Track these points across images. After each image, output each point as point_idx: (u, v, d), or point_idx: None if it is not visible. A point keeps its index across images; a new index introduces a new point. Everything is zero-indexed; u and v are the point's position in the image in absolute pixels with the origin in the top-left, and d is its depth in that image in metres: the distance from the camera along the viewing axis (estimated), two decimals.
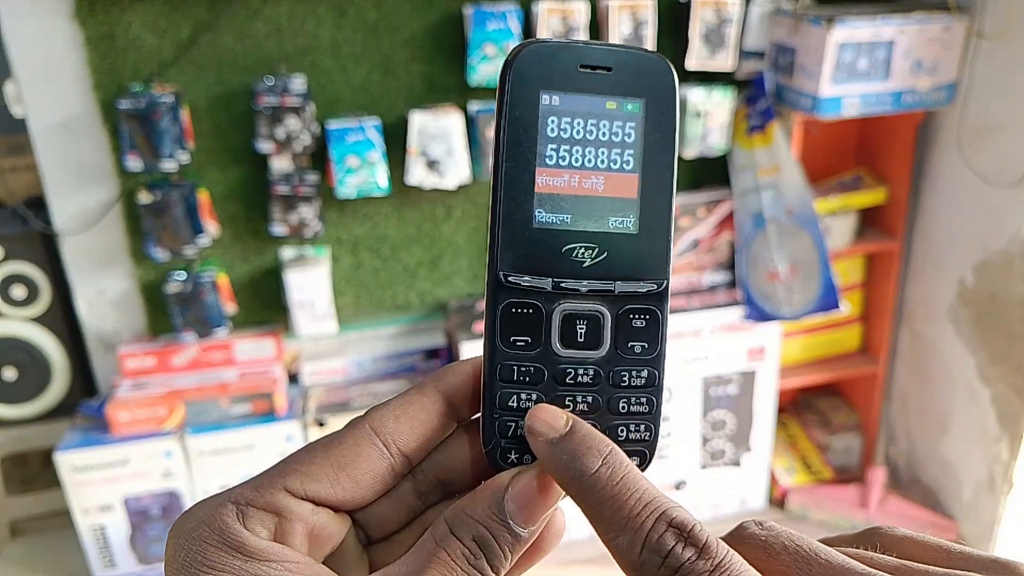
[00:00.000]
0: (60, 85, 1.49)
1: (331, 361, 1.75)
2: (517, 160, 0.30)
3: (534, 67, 0.29)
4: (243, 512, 0.27)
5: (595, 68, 0.30)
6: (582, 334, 0.30)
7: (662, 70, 0.30)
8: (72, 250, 1.61)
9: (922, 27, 1.59)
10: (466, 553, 0.27)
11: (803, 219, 1.70)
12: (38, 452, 1.87)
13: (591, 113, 0.30)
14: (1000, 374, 1.70)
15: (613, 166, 0.30)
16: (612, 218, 0.30)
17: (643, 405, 0.31)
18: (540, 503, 0.28)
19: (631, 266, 0.30)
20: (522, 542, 0.28)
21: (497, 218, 0.30)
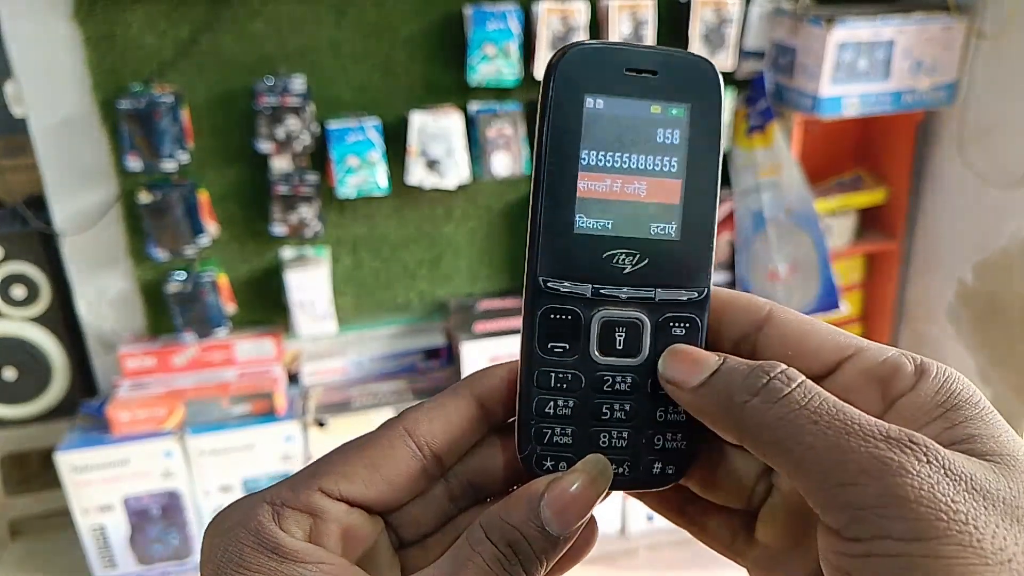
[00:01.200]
0: (60, 85, 1.49)
1: (331, 361, 1.75)
2: (559, 163, 0.29)
3: (579, 69, 0.29)
4: (279, 512, 0.27)
5: (640, 71, 0.29)
6: (621, 341, 0.30)
7: (708, 74, 0.30)
8: (72, 250, 1.61)
9: (922, 27, 1.59)
10: (500, 558, 0.27)
11: (803, 219, 1.70)
12: (38, 452, 1.87)
13: (635, 117, 0.29)
14: (1000, 374, 1.70)
15: (656, 171, 0.30)
16: (654, 224, 0.30)
17: (681, 415, 0.30)
18: (577, 508, 0.28)
19: (672, 273, 0.30)
20: (558, 548, 0.28)
21: (538, 222, 0.29)
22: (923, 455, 0.23)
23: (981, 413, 0.26)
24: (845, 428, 0.24)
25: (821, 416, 0.25)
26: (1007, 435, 0.25)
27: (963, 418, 0.25)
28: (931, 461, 0.23)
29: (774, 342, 0.29)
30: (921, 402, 0.26)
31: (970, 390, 0.26)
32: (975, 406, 0.26)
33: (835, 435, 0.24)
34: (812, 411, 0.25)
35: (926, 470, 0.23)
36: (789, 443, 0.25)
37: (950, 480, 0.23)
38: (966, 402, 0.26)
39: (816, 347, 0.29)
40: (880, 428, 0.24)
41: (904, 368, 0.27)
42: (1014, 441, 0.25)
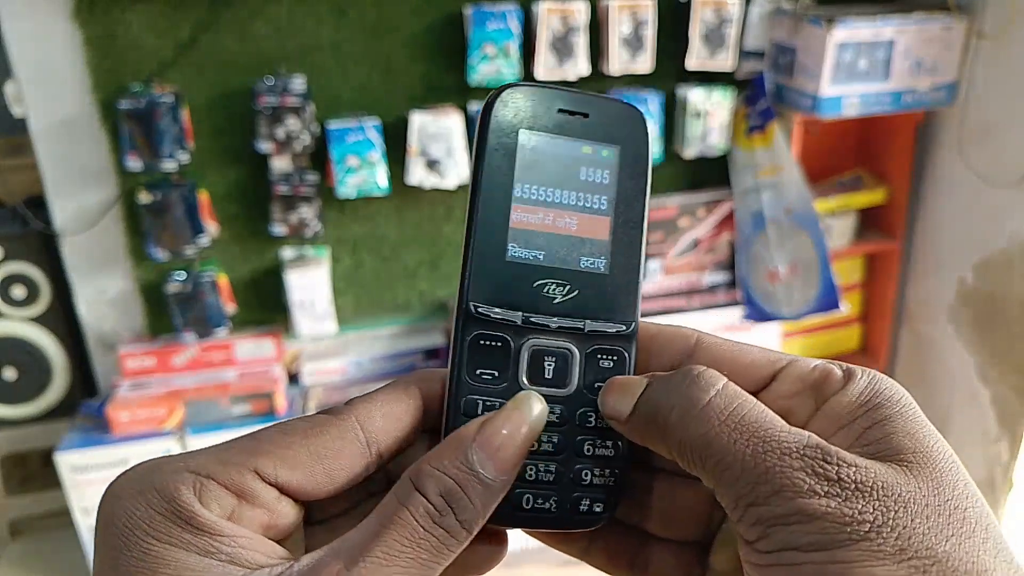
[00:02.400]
0: (60, 85, 1.49)
1: (331, 361, 1.75)
2: (494, 193, 0.30)
3: (515, 107, 0.30)
4: (201, 484, 0.25)
5: (573, 113, 0.31)
6: (550, 371, 0.30)
7: (636, 120, 0.31)
8: (72, 250, 1.61)
9: (922, 27, 1.59)
10: (431, 510, 0.25)
11: (803, 219, 1.70)
12: (38, 452, 1.87)
13: (567, 155, 0.30)
14: (1000, 374, 1.70)
15: (586, 207, 0.31)
16: (584, 258, 0.31)
17: (609, 449, 0.30)
18: (511, 448, 0.27)
19: (601, 306, 0.31)
20: (493, 493, 0.26)
21: (470, 249, 0.30)
22: (834, 472, 0.24)
23: (901, 411, 0.26)
24: (763, 445, 0.25)
25: (741, 432, 0.25)
26: (923, 431, 0.26)
27: (883, 416, 0.26)
28: (841, 479, 0.24)
29: (709, 361, 0.29)
30: (846, 402, 0.27)
31: (892, 389, 0.27)
32: (896, 404, 0.26)
33: (752, 454, 0.25)
34: (732, 427, 0.26)
35: (835, 488, 0.24)
36: (710, 462, 0.26)
37: (858, 493, 0.24)
38: (887, 400, 0.27)
39: (749, 364, 0.29)
40: (797, 443, 0.25)
41: (833, 373, 0.28)
42: (928, 437, 0.26)
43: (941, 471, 0.25)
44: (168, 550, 0.24)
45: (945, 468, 0.25)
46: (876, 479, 0.24)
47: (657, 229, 1.78)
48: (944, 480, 0.25)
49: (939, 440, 0.26)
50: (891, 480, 0.24)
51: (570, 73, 1.59)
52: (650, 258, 1.80)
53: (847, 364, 0.29)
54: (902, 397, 0.27)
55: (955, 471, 0.25)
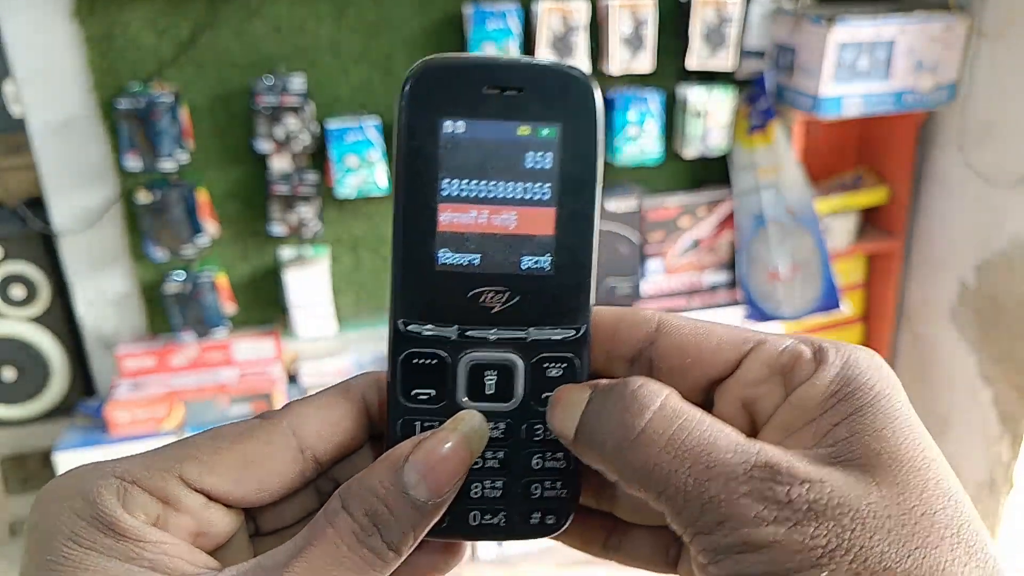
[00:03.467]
0: (59, 84, 1.49)
1: (331, 361, 1.74)
2: (417, 194, 0.27)
3: (433, 90, 0.26)
4: (126, 490, 0.24)
5: (504, 89, 0.26)
6: (491, 385, 0.28)
7: (581, 88, 0.27)
8: (71, 250, 1.61)
9: (923, 27, 1.59)
10: (356, 529, 0.24)
11: (804, 219, 1.70)
12: (37, 452, 1.86)
13: (501, 140, 0.26)
14: (1001, 374, 1.70)
15: (527, 199, 0.27)
16: (526, 257, 0.27)
17: (560, 461, 0.28)
18: (447, 470, 0.25)
19: (546, 311, 0.28)
20: (426, 516, 0.25)
21: (397, 260, 0.27)
22: (784, 494, 0.23)
23: (872, 401, 0.24)
24: (706, 472, 0.23)
25: (682, 458, 0.24)
26: (893, 426, 0.24)
27: (853, 409, 0.24)
28: (792, 499, 0.23)
29: (670, 352, 0.28)
30: (815, 393, 0.25)
31: (867, 374, 0.25)
32: (868, 392, 0.25)
33: (696, 482, 0.23)
34: (672, 453, 0.24)
35: (786, 513, 0.23)
36: (652, 492, 0.24)
37: (811, 514, 0.22)
38: (859, 389, 0.25)
39: (715, 348, 0.27)
40: (744, 464, 0.23)
41: (803, 356, 0.26)
42: (898, 433, 0.24)
43: (908, 474, 0.23)
44: (89, 555, 0.23)
45: (913, 470, 0.23)
46: (832, 495, 0.23)
47: (657, 229, 1.77)
48: (911, 484, 0.23)
49: (912, 435, 0.24)
50: (849, 494, 0.23)
51: None
52: (651, 258, 1.79)
53: (821, 342, 0.26)
54: (876, 383, 0.25)
55: (925, 471, 0.24)
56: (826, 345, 0.26)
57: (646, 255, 1.79)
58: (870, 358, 0.26)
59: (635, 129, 1.64)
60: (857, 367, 0.25)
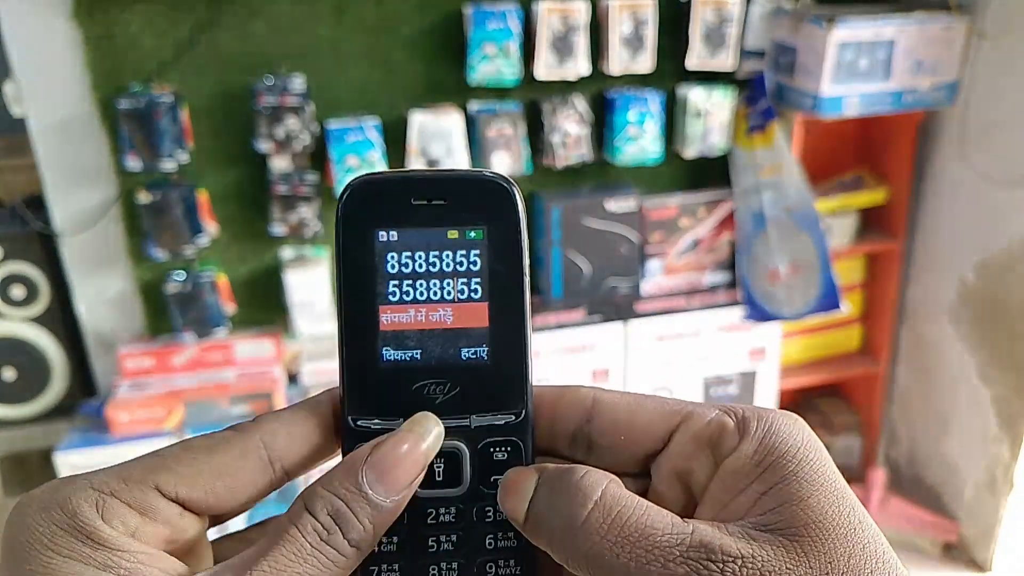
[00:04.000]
0: (59, 85, 1.49)
1: (331, 361, 1.74)
2: (358, 300, 0.29)
3: (366, 205, 0.29)
4: (104, 501, 0.26)
5: (431, 200, 0.29)
6: (440, 472, 0.29)
7: (502, 194, 0.29)
8: (71, 250, 1.61)
9: (923, 27, 1.59)
10: (318, 528, 0.26)
11: (804, 219, 1.70)
12: (37, 452, 1.86)
13: (432, 245, 0.29)
14: (1001, 374, 1.70)
15: (461, 296, 0.29)
16: (464, 350, 0.29)
17: (512, 540, 0.30)
18: (403, 471, 0.27)
19: (486, 398, 0.29)
20: (384, 513, 0.27)
21: (343, 360, 0.29)
22: (718, 571, 0.24)
23: (796, 469, 0.26)
24: (645, 555, 0.25)
25: (623, 544, 0.25)
26: (816, 493, 0.25)
27: (779, 478, 0.26)
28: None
29: (606, 429, 0.29)
30: (741, 464, 0.26)
31: (788, 442, 0.26)
32: (791, 460, 0.26)
33: (636, 566, 0.25)
34: (612, 542, 0.25)
35: None
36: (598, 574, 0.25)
37: None
38: (783, 457, 0.26)
39: (645, 424, 0.29)
40: (681, 546, 0.25)
41: (727, 427, 0.27)
42: (823, 500, 0.25)
43: (835, 541, 0.24)
44: (67, 563, 0.24)
45: (840, 536, 0.24)
46: (763, 569, 0.24)
47: (657, 229, 1.78)
48: (838, 552, 0.24)
49: (837, 500, 0.25)
50: (780, 568, 0.24)
51: (570, 73, 1.59)
52: (651, 258, 1.80)
53: (744, 411, 0.28)
54: (799, 450, 0.26)
55: (851, 537, 0.25)
56: (748, 414, 0.28)
57: (646, 255, 1.79)
58: (792, 423, 0.27)
59: (635, 129, 1.64)
60: (779, 435, 0.27)
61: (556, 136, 1.63)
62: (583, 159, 1.66)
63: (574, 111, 1.63)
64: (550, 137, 1.63)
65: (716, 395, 1.86)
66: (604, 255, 1.73)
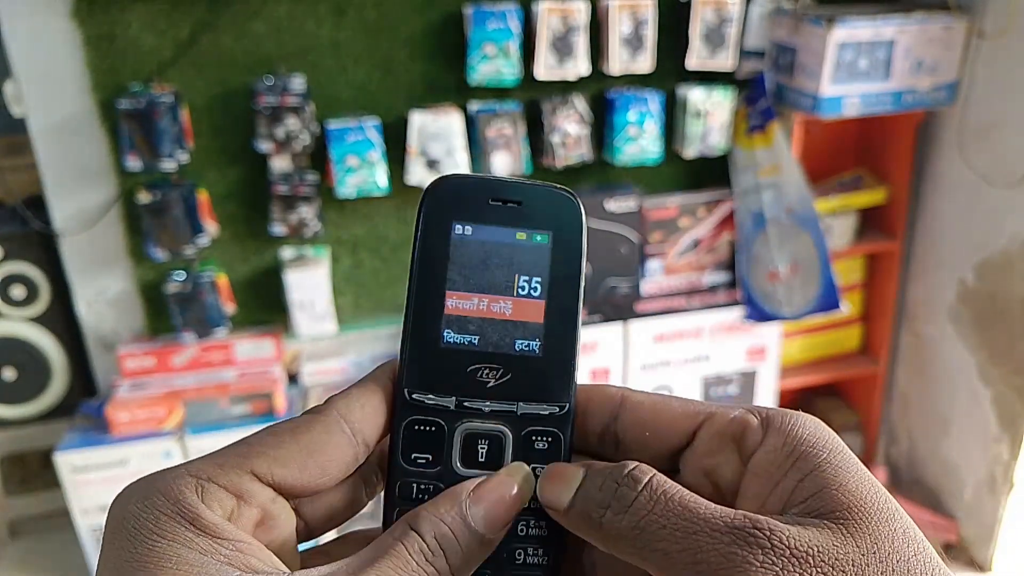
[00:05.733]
0: (59, 85, 1.49)
1: (331, 361, 1.74)
2: (429, 282, 0.31)
3: (448, 199, 0.32)
4: (203, 487, 0.26)
5: (506, 202, 0.31)
6: (483, 454, 0.31)
7: (570, 206, 0.32)
8: (71, 250, 1.61)
9: (922, 27, 1.59)
10: (424, 550, 0.26)
11: (803, 219, 1.70)
12: (38, 452, 1.87)
13: (501, 242, 0.31)
14: (1001, 374, 1.70)
15: (521, 292, 0.31)
16: (519, 341, 0.31)
17: (542, 529, 0.31)
18: (503, 509, 0.28)
19: (534, 388, 0.31)
20: (483, 547, 0.28)
21: (407, 336, 0.31)
22: (767, 542, 0.24)
23: (829, 457, 0.26)
24: (692, 527, 0.25)
25: (669, 519, 0.26)
26: (854, 480, 0.26)
27: (813, 466, 0.26)
28: (774, 547, 0.24)
29: (632, 426, 0.30)
30: (772, 457, 0.27)
31: (816, 433, 0.27)
32: (823, 449, 0.26)
33: (683, 537, 0.25)
34: (660, 515, 0.26)
35: (770, 558, 0.24)
36: (646, 552, 0.26)
37: (794, 563, 0.24)
38: (812, 448, 0.26)
39: (669, 422, 0.30)
40: (725, 520, 0.25)
41: (751, 423, 0.28)
42: (860, 486, 0.25)
43: (878, 524, 0.25)
44: (172, 547, 0.25)
45: (882, 520, 0.25)
46: (811, 544, 0.24)
47: (657, 229, 1.78)
48: (881, 534, 0.24)
49: (872, 486, 0.26)
50: (826, 544, 0.24)
51: (570, 73, 1.59)
52: (651, 258, 1.80)
53: (767, 409, 0.29)
54: (827, 441, 0.27)
55: (892, 521, 0.25)
56: (771, 412, 0.28)
57: (646, 255, 1.79)
58: (812, 420, 0.28)
59: (635, 129, 1.64)
60: (804, 428, 0.27)
61: (556, 136, 1.63)
62: (583, 159, 1.66)
63: (574, 111, 1.63)
64: (550, 137, 1.63)
65: (716, 395, 1.86)
66: (604, 255, 1.73)
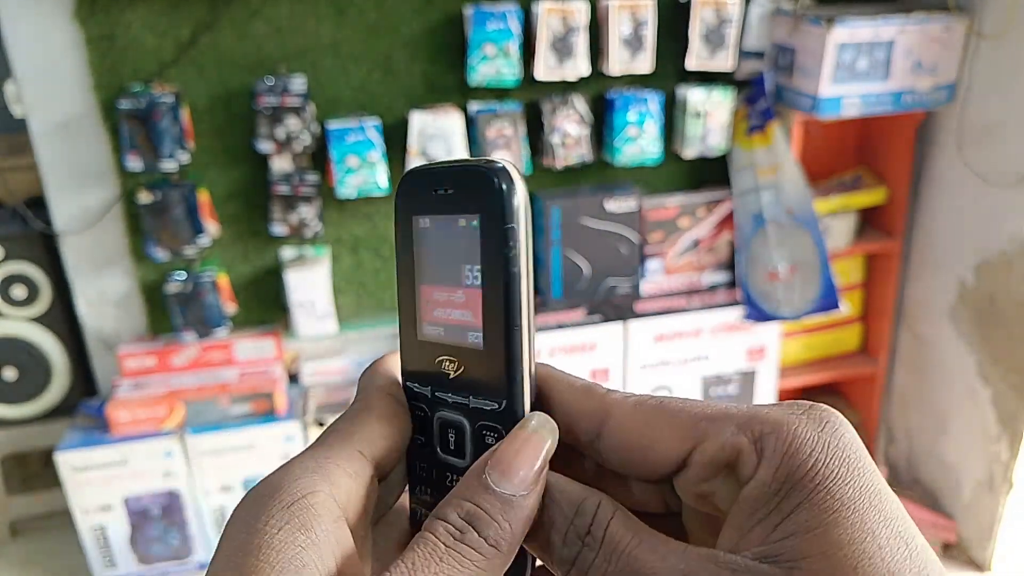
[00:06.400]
0: (60, 85, 1.50)
1: (331, 361, 1.75)
2: (406, 276, 0.32)
3: (408, 193, 0.32)
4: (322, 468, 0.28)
5: (444, 190, 0.30)
6: (452, 442, 0.31)
7: (491, 183, 0.29)
8: (72, 250, 1.61)
9: (922, 27, 1.59)
10: (451, 529, 0.26)
11: (803, 219, 1.71)
12: (38, 452, 1.87)
13: (449, 232, 0.31)
14: (1000, 374, 1.70)
15: (466, 282, 0.30)
16: (470, 333, 0.30)
17: None
18: (523, 461, 0.27)
19: (481, 382, 0.30)
20: (518, 508, 0.27)
21: (399, 329, 0.33)
22: None
23: (811, 496, 0.24)
24: None
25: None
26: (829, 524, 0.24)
27: (793, 506, 0.24)
28: None
29: (617, 450, 0.29)
30: (759, 493, 0.25)
31: (809, 462, 0.25)
32: (807, 484, 0.24)
33: None
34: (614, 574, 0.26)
35: None
36: None
37: None
38: (799, 482, 0.24)
39: (656, 448, 0.28)
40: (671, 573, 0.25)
41: (744, 450, 0.26)
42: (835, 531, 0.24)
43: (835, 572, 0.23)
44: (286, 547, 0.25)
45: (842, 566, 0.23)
46: None
47: (657, 229, 1.78)
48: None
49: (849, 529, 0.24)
50: None
51: (570, 73, 1.59)
52: (651, 258, 1.80)
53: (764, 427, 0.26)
54: (818, 472, 0.24)
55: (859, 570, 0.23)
56: (767, 431, 0.26)
57: (646, 255, 1.79)
58: (816, 434, 0.25)
59: (635, 130, 1.65)
60: (799, 454, 0.25)
61: (556, 136, 1.63)
62: (583, 159, 1.66)
63: (574, 111, 1.63)
64: (550, 137, 1.63)
65: (715, 395, 1.86)
66: (604, 255, 1.73)
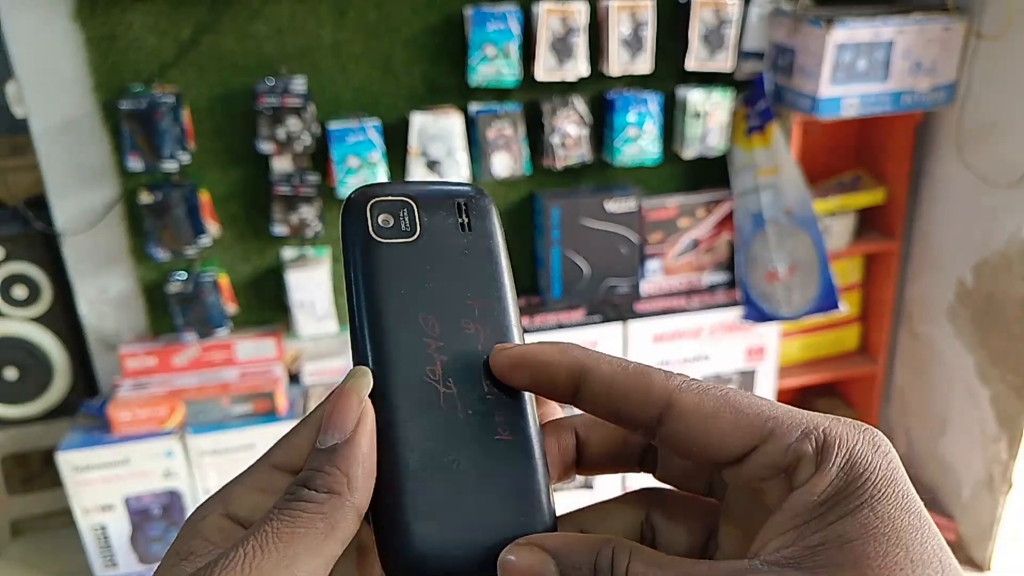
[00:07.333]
0: (61, 85, 1.50)
1: (332, 361, 1.75)
2: None
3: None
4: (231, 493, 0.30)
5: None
6: None
7: None
8: (73, 250, 1.62)
9: (921, 28, 1.59)
10: (284, 497, 0.27)
11: (802, 219, 1.71)
12: (39, 452, 1.87)
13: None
14: (999, 374, 1.71)
15: None
16: None
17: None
18: (337, 413, 0.28)
19: None
20: (341, 453, 0.27)
21: None
22: None
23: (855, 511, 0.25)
24: None
25: None
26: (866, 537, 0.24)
27: (835, 517, 0.25)
28: None
29: (678, 440, 0.28)
30: (807, 500, 0.25)
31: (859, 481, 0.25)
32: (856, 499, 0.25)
33: None
34: None
35: None
36: None
37: None
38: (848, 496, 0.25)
39: (719, 442, 0.27)
40: None
41: (805, 457, 0.26)
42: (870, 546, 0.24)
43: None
44: None
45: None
46: None
47: (656, 229, 1.78)
48: None
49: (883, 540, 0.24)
50: None
51: (570, 74, 1.59)
52: (650, 258, 1.80)
53: (828, 435, 0.26)
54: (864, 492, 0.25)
55: None
56: (830, 440, 0.26)
57: (645, 255, 1.79)
58: (873, 451, 0.26)
59: (634, 130, 1.65)
60: (855, 470, 0.25)
61: (556, 137, 1.63)
62: (583, 160, 1.67)
63: (574, 112, 1.63)
64: (550, 138, 1.63)
65: None
66: (604, 255, 1.73)
